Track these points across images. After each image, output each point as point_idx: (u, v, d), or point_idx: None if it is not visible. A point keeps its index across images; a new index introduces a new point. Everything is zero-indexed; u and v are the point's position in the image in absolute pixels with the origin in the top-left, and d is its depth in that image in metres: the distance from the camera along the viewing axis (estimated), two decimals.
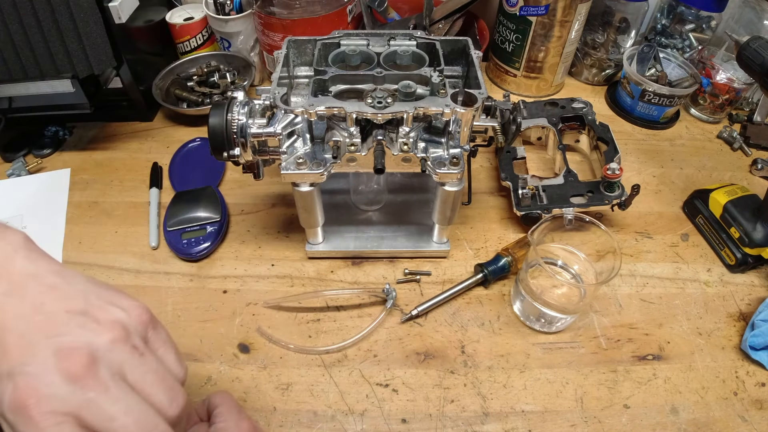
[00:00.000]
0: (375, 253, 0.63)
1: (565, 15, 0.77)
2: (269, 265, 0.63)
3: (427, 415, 0.50)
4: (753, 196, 0.64)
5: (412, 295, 0.60)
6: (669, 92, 0.78)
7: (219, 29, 0.85)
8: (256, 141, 0.51)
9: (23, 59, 0.66)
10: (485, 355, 0.55)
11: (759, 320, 0.55)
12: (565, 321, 0.56)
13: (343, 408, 0.51)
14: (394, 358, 0.55)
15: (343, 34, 0.59)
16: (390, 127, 0.52)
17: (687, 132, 0.83)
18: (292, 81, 0.60)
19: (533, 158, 0.76)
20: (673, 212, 0.70)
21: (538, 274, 0.59)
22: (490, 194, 0.72)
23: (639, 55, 0.83)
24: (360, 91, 0.54)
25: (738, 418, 0.51)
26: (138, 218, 0.68)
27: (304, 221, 0.59)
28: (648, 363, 0.55)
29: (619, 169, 0.63)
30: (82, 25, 0.64)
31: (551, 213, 0.63)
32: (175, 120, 0.82)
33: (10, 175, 0.72)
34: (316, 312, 0.58)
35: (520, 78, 0.87)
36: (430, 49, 0.59)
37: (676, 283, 0.62)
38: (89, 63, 0.67)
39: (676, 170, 0.77)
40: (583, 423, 0.50)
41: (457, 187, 0.53)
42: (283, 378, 0.53)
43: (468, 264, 0.63)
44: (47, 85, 0.69)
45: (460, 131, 0.52)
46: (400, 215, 0.66)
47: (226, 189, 0.72)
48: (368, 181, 0.65)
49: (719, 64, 0.81)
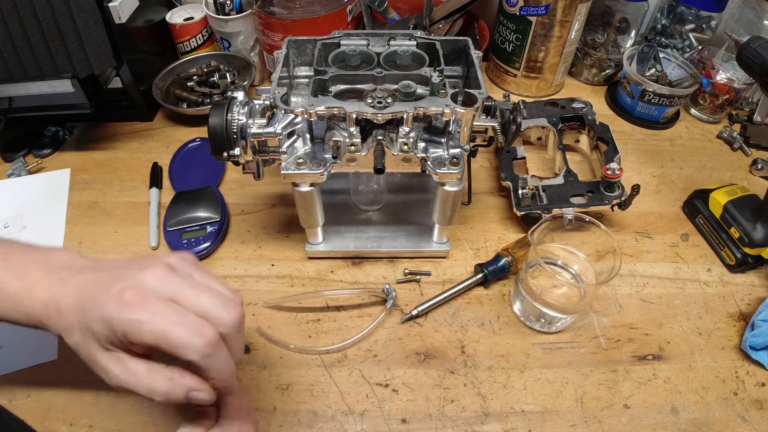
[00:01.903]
0: (375, 253, 0.63)
1: (565, 15, 0.77)
2: (269, 265, 0.63)
3: (427, 415, 0.50)
4: (753, 196, 0.64)
5: (412, 295, 0.60)
6: (669, 92, 0.78)
7: (219, 29, 0.85)
8: (256, 141, 0.51)
9: (23, 59, 0.66)
10: (485, 355, 0.55)
11: (759, 320, 0.55)
12: (565, 321, 0.56)
13: (343, 408, 0.51)
14: (394, 358, 0.55)
15: (343, 34, 0.59)
16: (390, 127, 0.52)
17: (687, 132, 0.83)
18: (292, 81, 0.60)
19: (533, 158, 0.76)
20: (673, 212, 0.70)
21: (538, 274, 0.59)
22: (490, 194, 0.72)
23: (639, 55, 0.83)
24: (360, 91, 0.54)
25: (738, 418, 0.51)
26: (138, 218, 0.68)
27: (304, 221, 0.59)
28: (648, 363, 0.55)
29: (619, 169, 0.63)
30: (82, 25, 0.64)
31: (551, 213, 0.63)
32: (175, 120, 0.82)
33: (10, 175, 0.72)
34: (316, 312, 0.58)
35: (520, 78, 0.87)
36: (430, 49, 0.59)
37: (676, 283, 0.62)
38: (89, 63, 0.67)
39: (676, 170, 0.77)
40: (583, 423, 0.50)
41: (457, 187, 0.53)
42: (283, 378, 0.53)
43: (468, 264, 0.63)
44: (47, 85, 0.69)
45: (460, 131, 0.52)
46: (400, 215, 0.66)
47: (226, 189, 0.72)
48: (368, 181, 0.65)
49: (719, 64, 0.81)
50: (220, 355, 0.34)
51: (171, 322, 0.33)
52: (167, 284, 0.35)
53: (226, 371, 0.35)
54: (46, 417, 0.50)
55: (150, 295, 0.34)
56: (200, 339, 0.33)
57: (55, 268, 0.38)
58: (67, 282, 0.36)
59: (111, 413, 0.50)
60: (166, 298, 0.34)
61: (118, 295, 0.33)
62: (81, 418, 0.49)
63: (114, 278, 0.35)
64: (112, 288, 0.34)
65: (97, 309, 0.34)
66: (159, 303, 0.33)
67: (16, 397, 0.51)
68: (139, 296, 0.33)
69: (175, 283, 0.35)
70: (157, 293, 0.34)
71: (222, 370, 0.35)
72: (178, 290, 0.35)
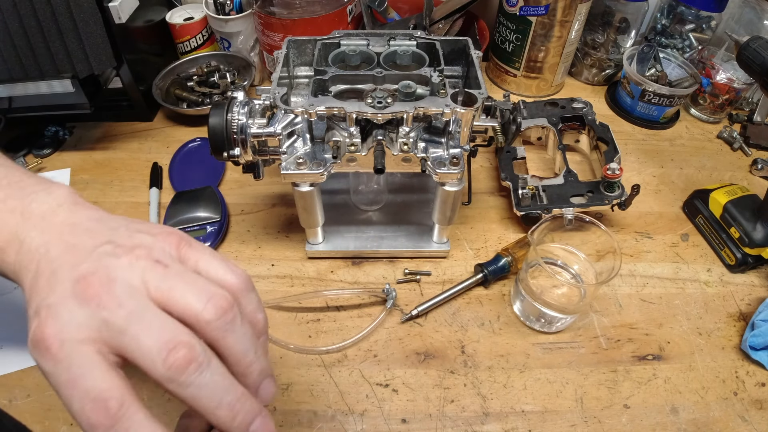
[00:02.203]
0: (375, 253, 0.63)
1: (565, 15, 0.77)
2: (269, 265, 0.63)
3: (427, 415, 0.50)
4: (753, 196, 0.64)
5: (412, 295, 0.60)
6: (669, 92, 0.78)
7: (219, 29, 0.85)
8: (256, 141, 0.51)
9: (23, 59, 0.66)
10: (485, 355, 0.55)
11: (759, 320, 0.55)
12: (565, 321, 0.56)
13: (343, 408, 0.51)
14: (394, 358, 0.55)
15: (343, 34, 0.59)
16: (390, 127, 0.52)
17: (687, 132, 0.83)
18: (292, 81, 0.60)
19: (533, 158, 0.76)
20: (673, 212, 0.70)
21: (538, 274, 0.59)
22: (490, 194, 0.72)
23: (639, 55, 0.83)
24: (360, 91, 0.54)
25: (738, 418, 0.51)
26: (138, 218, 0.67)
27: (304, 221, 0.59)
28: (648, 363, 0.55)
29: (619, 169, 0.63)
30: (82, 25, 0.64)
31: (551, 213, 0.63)
32: (175, 120, 0.82)
33: None
34: (316, 312, 0.58)
35: (520, 78, 0.87)
36: (430, 49, 0.59)
37: (676, 283, 0.62)
38: (89, 63, 0.67)
39: (676, 170, 0.77)
40: (583, 423, 0.50)
41: (457, 187, 0.53)
42: (283, 378, 0.53)
43: (468, 264, 0.63)
44: (47, 85, 0.69)
45: (460, 131, 0.52)
46: (400, 215, 0.66)
47: (226, 189, 0.72)
48: (368, 181, 0.65)
49: (719, 64, 0.81)
50: (204, 377, 0.26)
51: (135, 324, 0.26)
52: (137, 270, 0.28)
53: (217, 398, 0.26)
54: (46, 417, 0.50)
55: (115, 285, 0.27)
56: (172, 355, 0.25)
57: (34, 218, 0.31)
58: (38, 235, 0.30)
59: None
60: (133, 289, 0.27)
61: (80, 281, 0.27)
62: None
63: (86, 255, 0.28)
64: (77, 269, 0.27)
65: (54, 284, 0.27)
66: (124, 296, 0.27)
67: (16, 397, 0.51)
68: (100, 288, 0.26)
69: (146, 269, 0.28)
70: (124, 282, 0.27)
71: (211, 398, 0.26)
72: (148, 277, 0.27)
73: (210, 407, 0.26)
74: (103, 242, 0.29)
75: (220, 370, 0.26)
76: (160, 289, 0.27)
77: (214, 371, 0.26)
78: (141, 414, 0.25)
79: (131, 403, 0.25)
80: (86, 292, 0.26)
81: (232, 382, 0.27)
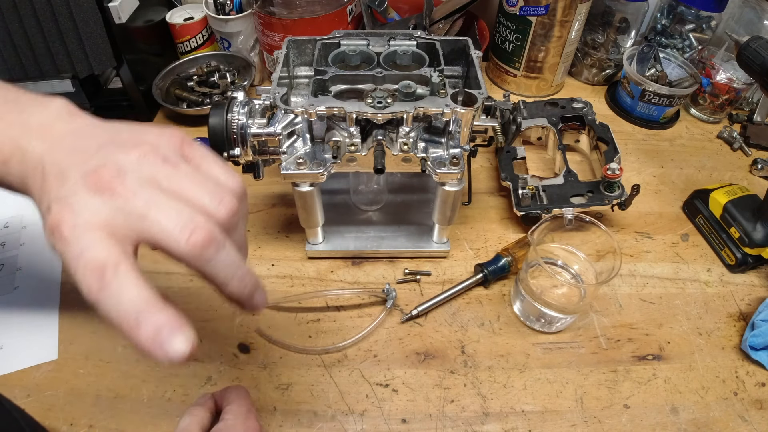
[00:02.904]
0: (375, 253, 0.63)
1: (565, 15, 0.77)
2: (269, 265, 0.63)
3: (427, 415, 0.50)
4: (753, 196, 0.64)
5: (412, 295, 0.60)
6: (669, 92, 0.78)
7: (219, 29, 0.85)
8: (256, 141, 0.51)
9: (23, 59, 0.66)
10: (485, 355, 0.55)
11: (759, 320, 0.55)
12: (565, 321, 0.56)
13: (343, 408, 0.51)
14: (394, 358, 0.55)
15: (343, 34, 0.59)
16: (390, 127, 0.52)
17: (687, 132, 0.83)
18: (292, 81, 0.60)
19: (533, 158, 0.76)
20: (673, 212, 0.70)
21: (538, 274, 0.59)
22: (490, 194, 0.72)
23: (639, 55, 0.83)
24: (360, 91, 0.54)
25: (738, 418, 0.51)
26: None
27: (304, 221, 0.59)
28: (648, 363, 0.55)
29: (619, 169, 0.63)
30: (82, 25, 0.64)
31: (551, 213, 0.63)
32: (175, 120, 0.82)
33: None
34: (316, 312, 0.58)
35: (520, 78, 0.87)
36: (430, 49, 0.59)
37: (676, 283, 0.62)
38: (89, 63, 0.67)
39: (676, 170, 0.77)
40: (583, 423, 0.50)
41: (457, 187, 0.53)
42: (283, 378, 0.53)
43: (468, 264, 0.63)
44: (47, 85, 0.69)
45: (460, 131, 0.52)
46: (400, 215, 0.66)
47: None
48: (368, 181, 0.65)
49: (719, 64, 0.81)
50: (221, 255, 0.29)
51: (153, 209, 0.28)
52: (147, 166, 0.29)
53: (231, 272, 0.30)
54: (46, 417, 0.50)
55: (126, 176, 0.28)
56: (194, 235, 0.28)
57: (34, 129, 0.32)
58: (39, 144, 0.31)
59: (111, 413, 0.50)
60: (144, 181, 0.29)
61: (92, 174, 0.28)
62: (81, 418, 0.49)
63: (93, 153, 0.30)
64: (87, 164, 0.29)
65: (63, 180, 0.29)
66: (137, 186, 0.28)
67: (16, 397, 0.51)
68: (112, 179, 0.28)
69: (156, 165, 0.30)
70: (135, 175, 0.29)
71: (226, 273, 0.30)
72: (159, 174, 0.29)
73: (226, 279, 0.30)
74: (107, 142, 0.31)
75: (232, 250, 0.30)
76: (172, 187, 0.29)
77: (229, 250, 0.29)
78: (133, 275, 0.27)
79: (127, 267, 0.27)
80: (98, 183, 0.28)
81: (241, 259, 0.31)
